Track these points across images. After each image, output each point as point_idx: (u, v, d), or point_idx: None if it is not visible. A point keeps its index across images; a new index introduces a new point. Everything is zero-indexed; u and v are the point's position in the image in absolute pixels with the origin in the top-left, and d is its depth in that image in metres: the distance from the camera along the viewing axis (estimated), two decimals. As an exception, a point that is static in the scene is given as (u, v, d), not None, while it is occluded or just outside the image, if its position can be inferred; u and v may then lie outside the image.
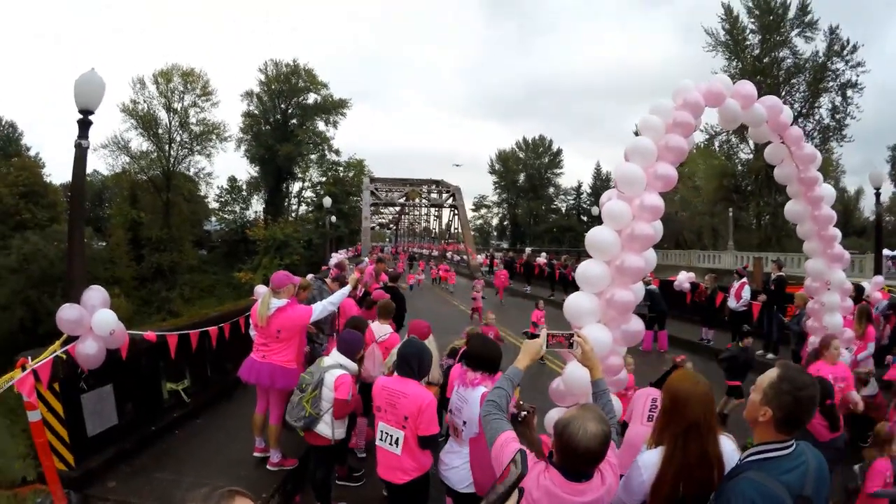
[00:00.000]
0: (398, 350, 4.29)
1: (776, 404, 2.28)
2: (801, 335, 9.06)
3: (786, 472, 2.24)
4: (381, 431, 4.03)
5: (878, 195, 13.26)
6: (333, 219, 42.40)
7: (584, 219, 75.80)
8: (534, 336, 3.12)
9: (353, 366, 5.07)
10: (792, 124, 6.46)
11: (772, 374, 2.38)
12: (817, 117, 43.34)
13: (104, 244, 52.15)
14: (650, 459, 2.57)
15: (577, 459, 2.37)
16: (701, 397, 2.58)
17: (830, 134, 42.84)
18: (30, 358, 5.10)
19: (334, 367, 4.93)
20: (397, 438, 3.92)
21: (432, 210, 60.12)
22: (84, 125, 6.35)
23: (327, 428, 4.89)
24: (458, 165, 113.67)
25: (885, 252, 26.97)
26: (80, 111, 6.32)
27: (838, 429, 4.99)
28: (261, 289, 8.23)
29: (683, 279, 15.84)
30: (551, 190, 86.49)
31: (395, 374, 4.12)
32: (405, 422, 3.88)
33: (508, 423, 2.81)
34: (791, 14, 42.43)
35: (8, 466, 12.29)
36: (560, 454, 2.42)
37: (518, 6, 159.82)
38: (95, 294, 5.54)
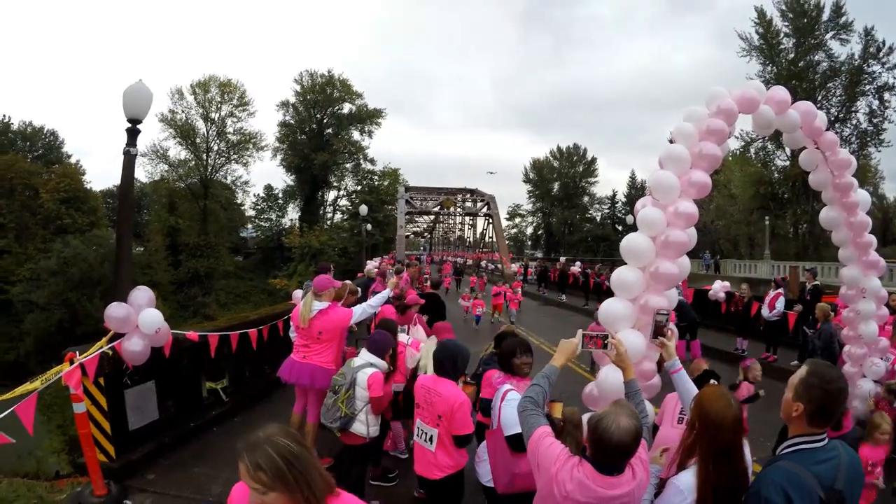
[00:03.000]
0: (435, 353, 4.38)
1: (807, 398, 2.38)
2: (825, 349, 8.95)
3: (817, 463, 2.32)
4: (418, 428, 4.16)
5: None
6: (369, 227, 42.59)
7: (619, 228, 74.71)
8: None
9: (384, 364, 5.19)
10: (827, 129, 6.43)
11: (801, 371, 2.48)
12: (854, 122, 42.23)
13: (142, 249, 53.08)
14: (690, 482, 2.59)
15: (609, 453, 2.45)
16: (732, 421, 2.60)
17: (868, 139, 41.62)
18: (77, 352, 5.32)
19: (365, 366, 5.05)
20: (431, 436, 4.03)
21: (467, 219, 60.12)
22: (132, 133, 6.60)
23: (362, 426, 5.00)
24: (492, 173, 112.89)
25: (926, 261, 26.36)
26: (129, 120, 6.57)
27: (840, 427, 5.21)
28: (298, 293, 8.40)
29: (718, 289, 15.70)
30: (586, 199, 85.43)
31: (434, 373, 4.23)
32: (439, 420, 3.99)
33: (545, 418, 2.91)
34: (825, 16, 41.40)
35: (43, 460, 12.57)
36: (593, 448, 2.51)
37: (553, 19, 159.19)
38: (142, 294, 5.73)
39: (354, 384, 4.96)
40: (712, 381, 4.84)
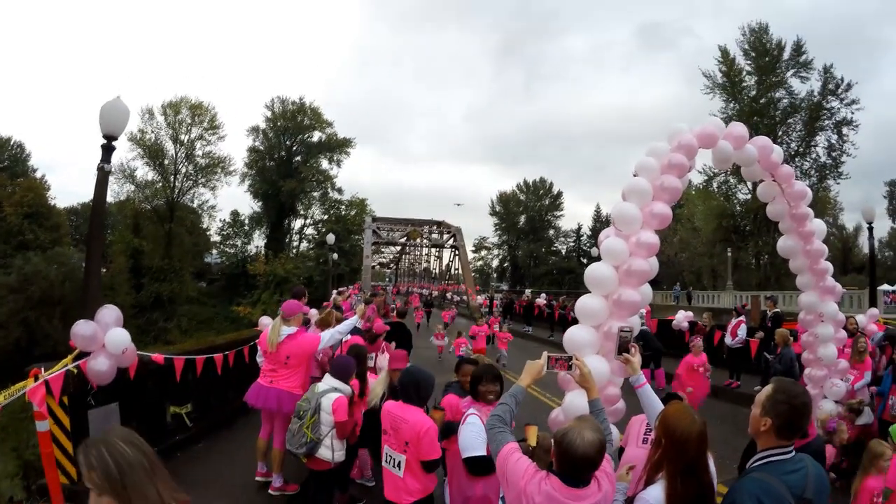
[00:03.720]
0: (399, 379, 4.42)
1: (774, 413, 2.53)
2: (786, 373, 9.19)
3: (787, 473, 2.46)
4: (386, 454, 4.16)
5: (870, 229, 13.69)
6: (335, 256, 42.32)
7: (584, 261, 74.96)
8: None
9: (347, 388, 5.23)
10: (787, 163, 6.72)
11: (768, 388, 2.65)
12: (814, 156, 43.55)
13: (105, 271, 51.93)
14: (659, 497, 2.67)
15: (575, 465, 2.55)
16: (697, 437, 2.69)
17: (827, 172, 42.91)
18: (42, 369, 5.24)
19: (329, 391, 5.09)
20: (399, 462, 4.03)
21: (433, 250, 60.24)
22: (107, 150, 6.62)
23: (328, 451, 5.02)
24: (459, 205, 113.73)
25: (885, 287, 27.19)
26: (105, 136, 6.60)
27: (807, 435, 5.20)
28: (265, 319, 8.40)
29: (681, 318, 15.97)
30: (551, 232, 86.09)
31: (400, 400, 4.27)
32: (406, 447, 4.00)
33: (512, 435, 3.00)
34: (786, 55, 42.96)
35: (-1, 483, 12.19)
36: (559, 461, 2.61)
37: (525, 54, 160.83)
38: (109, 313, 5.70)
39: (319, 409, 5.00)
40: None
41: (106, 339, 5.52)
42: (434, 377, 4.41)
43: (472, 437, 3.94)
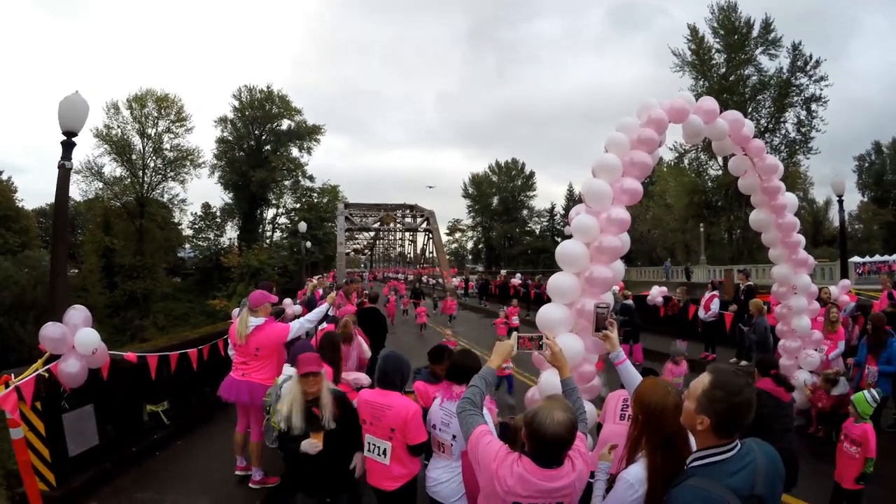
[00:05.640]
0: (378, 366, 4.37)
1: (712, 411, 2.24)
2: (760, 343, 9.33)
3: (731, 476, 2.19)
4: (369, 443, 4.13)
5: (840, 202, 13.81)
6: (309, 244, 42.02)
7: (558, 240, 75.43)
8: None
9: None
10: (757, 138, 6.76)
11: (704, 380, 2.34)
12: (783, 132, 44.37)
13: (76, 271, 51.09)
14: (640, 474, 2.62)
15: (546, 446, 2.54)
16: (673, 409, 2.61)
17: (797, 147, 43.82)
18: (13, 375, 5.13)
19: (286, 380, 5.02)
20: (385, 449, 4.02)
21: (407, 235, 60.12)
22: (68, 146, 6.45)
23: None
24: (431, 187, 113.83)
25: (856, 259, 27.72)
26: (64, 132, 6.43)
27: (793, 388, 5.62)
28: (237, 312, 8.30)
29: (656, 293, 16.10)
30: (525, 212, 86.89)
31: (377, 387, 4.22)
32: (392, 433, 3.98)
33: (482, 417, 2.98)
34: (755, 33, 43.54)
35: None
36: (530, 442, 2.59)
37: (497, 37, 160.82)
38: (78, 313, 5.57)
39: (279, 400, 4.96)
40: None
41: (75, 340, 5.41)
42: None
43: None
